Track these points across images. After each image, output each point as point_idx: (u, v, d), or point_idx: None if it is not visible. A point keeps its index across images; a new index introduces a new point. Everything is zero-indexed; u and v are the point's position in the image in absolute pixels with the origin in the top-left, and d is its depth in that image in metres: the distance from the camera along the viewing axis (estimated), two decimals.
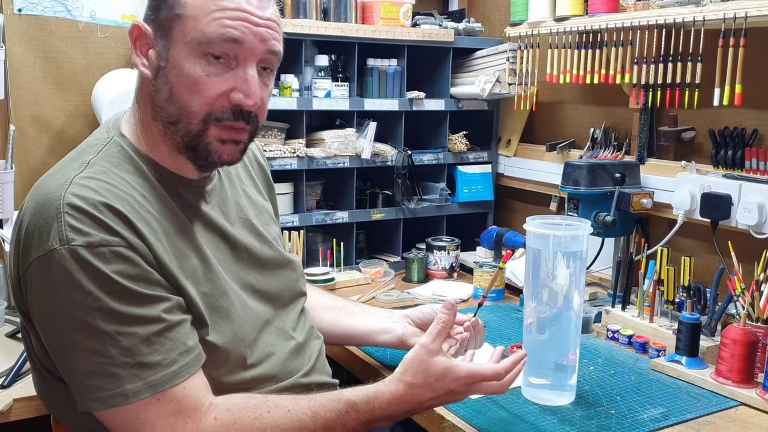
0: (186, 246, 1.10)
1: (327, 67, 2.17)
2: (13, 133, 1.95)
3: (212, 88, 1.05)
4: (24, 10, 2.04)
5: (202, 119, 1.06)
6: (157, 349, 0.99)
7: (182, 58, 1.04)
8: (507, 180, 2.50)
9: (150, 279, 1.01)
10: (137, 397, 0.98)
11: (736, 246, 1.48)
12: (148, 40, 1.07)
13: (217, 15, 1.03)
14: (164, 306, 1.02)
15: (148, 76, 1.08)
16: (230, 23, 1.03)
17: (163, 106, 1.07)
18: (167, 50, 1.05)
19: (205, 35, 1.03)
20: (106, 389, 0.97)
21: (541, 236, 1.32)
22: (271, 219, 1.36)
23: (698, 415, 1.31)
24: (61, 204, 0.98)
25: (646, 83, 1.81)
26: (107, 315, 0.97)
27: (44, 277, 0.98)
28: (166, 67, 1.06)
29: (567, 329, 1.33)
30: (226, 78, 1.06)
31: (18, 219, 1.06)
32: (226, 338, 1.11)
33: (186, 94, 1.05)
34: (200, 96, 1.05)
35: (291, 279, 1.31)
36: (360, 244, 2.38)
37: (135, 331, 0.98)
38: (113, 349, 0.97)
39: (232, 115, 1.07)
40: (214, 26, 1.03)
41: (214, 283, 1.12)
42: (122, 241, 0.99)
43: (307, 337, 1.30)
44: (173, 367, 1.00)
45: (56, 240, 0.96)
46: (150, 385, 0.98)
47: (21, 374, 1.53)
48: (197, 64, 1.04)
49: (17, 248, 1.04)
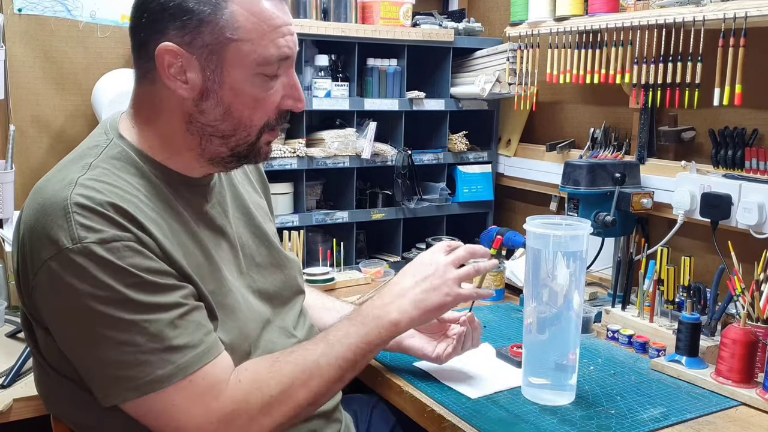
0: (191, 244, 1.11)
1: (327, 67, 2.17)
2: (13, 133, 1.95)
3: (270, 102, 1.11)
4: (24, 10, 2.04)
5: (259, 130, 1.12)
6: (182, 332, 1.01)
7: (241, 79, 1.07)
8: (507, 180, 2.50)
9: (164, 271, 1.03)
10: (170, 381, 0.99)
11: (736, 246, 1.48)
12: (182, 62, 1.05)
13: (272, 36, 1.06)
14: (182, 292, 1.04)
15: (188, 97, 1.08)
16: (282, 41, 1.08)
17: (215, 124, 1.09)
18: (220, 72, 1.06)
19: (265, 58, 1.06)
20: (139, 377, 0.98)
21: (541, 236, 1.32)
22: (268, 217, 1.37)
23: (698, 415, 1.31)
24: (68, 204, 0.98)
25: (646, 83, 1.81)
26: (130, 305, 0.98)
27: (58, 277, 0.98)
28: (221, 89, 1.07)
29: (567, 329, 1.33)
30: (277, 89, 1.11)
31: (20, 223, 1.06)
32: (233, 335, 1.12)
33: (246, 111, 1.09)
34: (261, 111, 1.11)
35: (290, 277, 1.32)
36: (360, 244, 2.38)
37: (159, 317, 0.99)
38: (140, 336, 0.98)
39: (282, 119, 1.14)
40: (272, 48, 1.07)
41: (219, 282, 1.13)
42: (133, 236, 1.00)
43: (308, 335, 1.30)
44: (201, 348, 1.02)
45: (68, 239, 0.97)
46: (181, 368, 1.00)
47: (21, 374, 1.53)
48: (254, 84, 1.08)
49: (23, 252, 1.03)
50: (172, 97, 1.09)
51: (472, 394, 1.37)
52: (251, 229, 1.27)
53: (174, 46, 1.05)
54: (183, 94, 1.08)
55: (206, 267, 1.12)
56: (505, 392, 1.39)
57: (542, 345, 1.35)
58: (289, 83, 1.12)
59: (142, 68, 1.10)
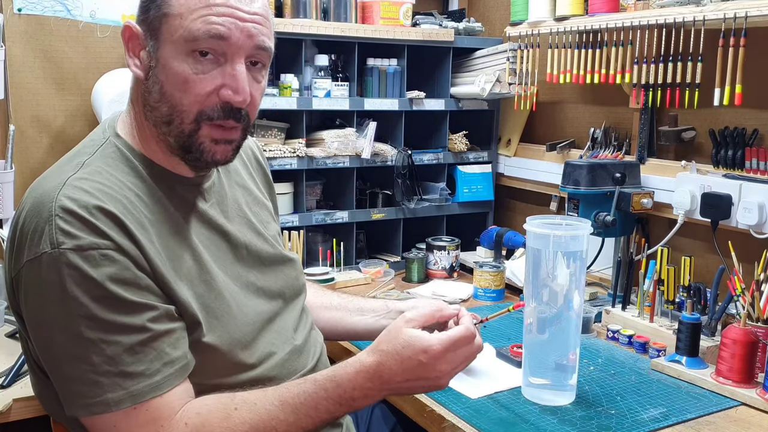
0: (181, 246, 1.10)
1: (327, 67, 2.17)
2: (13, 133, 1.95)
3: (201, 86, 1.04)
4: (24, 9, 2.04)
5: (193, 118, 1.06)
6: (140, 359, 0.98)
7: (170, 56, 1.04)
8: (507, 180, 2.50)
9: (139, 284, 1.00)
10: (118, 406, 0.97)
11: (736, 246, 1.48)
12: (139, 40, 1.07)
13: (202, 12, 1.03)
14: (150, 315, 1.00)
15: (141, 77, 1.08)
16: (216, 19, 1.03)
17: (155, 106, 1.07)
18: (156, 50, 1.05)
19: (191, 32, 1.03)
20: (89, 396, 0.97)
21: (541, 236, 1.32)
22: (271, 217, 1.36)
23: (698, 415, 1.31)
24: (53, 207, 0.98)
25: (646, 83, 1.81)
26: (92, 322, 0.96)
27: (34, 280, 0.98)
28: (156, 66, 1.05)
29: (567, 329, 1.33)
30: (214, 75, 1.05)
31: (14, 219, 1.06)
32: (222, 339, 1.10)
33: (177, 93, 1.05)
34: (190, 94, 1.05)
35: (291, 276, 1.31)
36: (360, 244, 2.37)
37: (119, 339, 0.97)
38: (96, 356, 0.96)
39: (222, 113, 1.06)
40: (200, 23, 1.02)
41: (209, 284, 1.11)
42: (112, 244, 0.98)
43: (308, 336, 1.30)
44: (156, 378, 0.99)
45: (47, 243, 0.96)
46: (131, 395, 0.98)
47: (21, 374, 1.53)
48: (185, 62, 1.04)
49: (11, 249, 1.04)
50: (135, 79, 1.10)
51: (472, 394, 1.37)
52: (254, 228, 1.27)
53: (132, 23, 1.07)
54: (136, 72, 1.08)
55: (195, 269, 1.10)
56: (505, 392, 1.39)
57: (542, 345, 1.35)
58: (231, 72, 1.05)
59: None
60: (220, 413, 1.03)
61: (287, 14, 2.10)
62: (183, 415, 1.02)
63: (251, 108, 1.11)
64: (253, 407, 1.04)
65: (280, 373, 1.18)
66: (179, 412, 1.02)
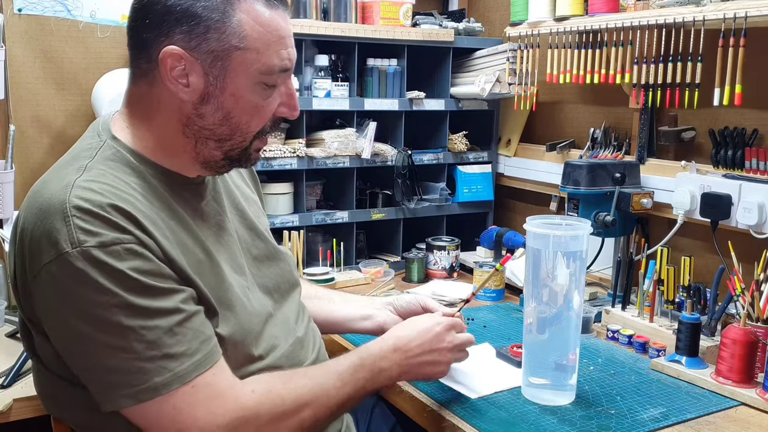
0: (190, 242, 1.11)
1: (327, 67, 2.17)
2: (13, 133, 1.95)
3: (269, 110, 1.13)
4: (24, 10, 2.04)
5: (253, 136, 1.13)
6: (180, 339, 1.01)
7: (243, 87, 1.08)
8: (507, 180, 2.50)
9: (163, 273, 1.02)
10: (167, 389, 0.99)
11: (736, 246, 1.48)
12: (185, 64, 1.06)
13: (276, 47, 1.08)
14: (181, 297, 1.03)
15: (188, 100, 1.08)
16: (285, 53, 1.10)
17: (212, 128, 1.10)
18: (223, 79, 1.07)
19: (269, 67, 1.08)
20: (135, 384, 0.98)
21: (541, 236, 1.32)
22: (261, 211, 1.38)
23: (698, 415, 1.31)
24: (67, 207, 0.98)
25: (646, 83, 1.81)
26: (129, 310, 0.98)
27: (58, 281, 0.98)
28: (222, 94, 1.08)
29: (567, 329, 1.33)
30: (275, 98, 1.13)
31: (17, 225, 1.05)
32: (234, 330, 1.12)
33: (245, 117, 1.11)
34: (259, 118, 1.12)
35: (285, 270, 1.32)
36: (360, 244, 2.38)
37: (158, 323, 0.99)
38: (138, 343, 0.98)
39: (273, 126, 1.16)
40: (275, 59, 1.08)
41: (219, 277, 1.13)
42: (133, 239, 1.00)
43: (307, 328, 1.32)
44: (197, 356, 1.02)
45: (67, 243, 0.96)
46: (178, 376, 1.00)
47: (21, 374, 1.53)
48: (255, 92, 1.09)
49: (21, 255, 1.03)
50: (172, 99, 1.09)
51: (472, 394, 1.37)
52: (246, 223, 1.28)
53: (179, 49, 1.05)
54: (183, 97, 1.08)
55: (206, 264, 1.12)
56: (505, 392, 1.39)
57: (542, 345, 1.35)
58: (287, 92, 1.14)
59: (142, 68, 1.10)
60: (281, 378, 1.13)
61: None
62: (247, 386, 1.08)
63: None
64: (305, 374, 1.16)
65: (285, 365, 1.20)
66: (240, 383, 1.08)
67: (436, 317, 1.31)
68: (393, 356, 1.22)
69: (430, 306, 1.42)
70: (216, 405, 1.03)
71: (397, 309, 1.46)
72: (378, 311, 1.47)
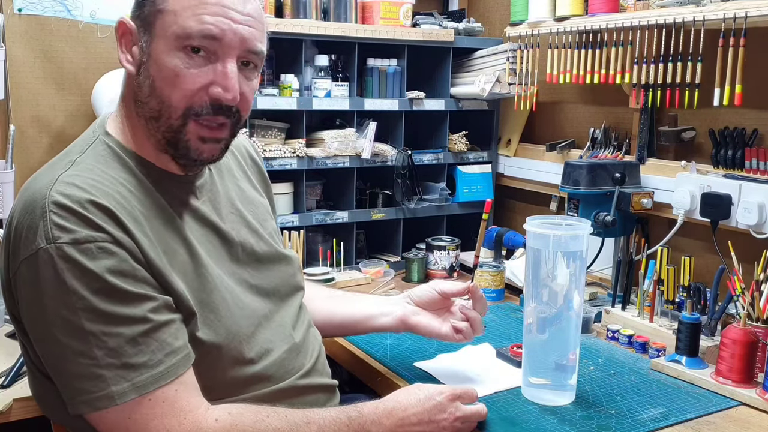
0: (175, 241, 1.10)
1: (327, 67, 2.17)
2: (13, 133, 1.95)
3: (191, 81, 1.05)
4: (24, 10, 2.04)
5: (181, 114, 1.07)
6: (142, 350, 0.99)
7: (162, 51, 1.05)
8: (507, 180, 2.50)
9: (136, 276, 1.01)
10: (123, 398, 0.97)
11: (736, 246, 1.48)
12: (132, 36, 1.08)
13: (197, 10, 1.04)
14: (150, 305, 1.01)
15: (132, 72, 1.09)
16: (209, 19, 1.04)
17: (145, 101, 1.08)
18: (149, 45, 1.06)
19: (185, 29, 1.04)
20: (92, 391, 0.97)
21: (541, 236, 1.32)
22: (268, 214, 1.37)
23: (698, 415, 1.31)
24: (46, 203, 0.98)
25: (646, 83, 1.81)
26: (92, 315, 0.96)
27: (32, 277, 0.98)
28: (148, 61, 1.07)
29: (567, 329, 1.33)
30: (205, 71, 1.06)
31: (8, 221, 1.05)
32: (218, 334, 1.10)
33: (166, 88, 1.06)
34: (180, 89, 1.05)
35: (287, 274, 1.31)
36: (360, 244, 2.38)
37: (121, 331, 0.97)
38: (98, 350, 0.96)
39: (211, 109, 1.07)
40: (194, 21, 1.04)
41: (204, 278, 1.11)
42: (108, 237, 0.99)
43: (306, 334, 1.30)
44: (159, 368, 1.00)
45: (43, 239, 0.96)
46: (136, 387, 0.98)
47: (21, 374, 1.53)
48: (176, 57, 1.05)
49: (7, 250, 1.03)
50: (127, 75, 1.10)
51: None
52: (249, 225, 1.27)
53: (126, 18, 1.08)
54: (128, 67, 1.09)
55: (190, 263, 1.10)
56: (505, 392, 1.39)
57: (542, 345, 1.35)
58: (222, 70, 1.06)
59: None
60: (251, 416, 1.05)
61: (287, 14, 2.10)
62: (212, 412, 1.03)
63: (242, 106, 1.11)
64: (283, 418, 1.07)
65: (278, 372, 1.19)
66: (204, 407, 1.03)
67: (441, 387, 1.23)
68: (386, 422, 1.14)
69: (446, 290, 1.40)
70: (172, 423, 1.00)
71: (414, 300, 1.45)
72: (396, 306, 1.45)
